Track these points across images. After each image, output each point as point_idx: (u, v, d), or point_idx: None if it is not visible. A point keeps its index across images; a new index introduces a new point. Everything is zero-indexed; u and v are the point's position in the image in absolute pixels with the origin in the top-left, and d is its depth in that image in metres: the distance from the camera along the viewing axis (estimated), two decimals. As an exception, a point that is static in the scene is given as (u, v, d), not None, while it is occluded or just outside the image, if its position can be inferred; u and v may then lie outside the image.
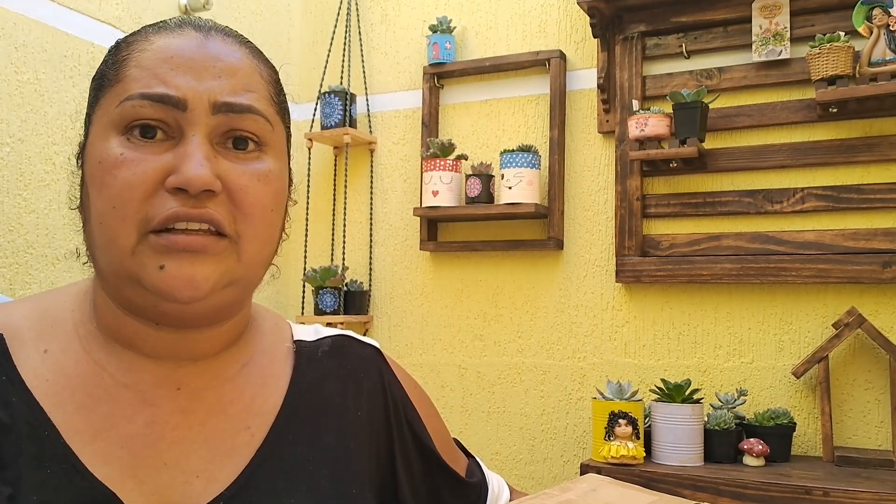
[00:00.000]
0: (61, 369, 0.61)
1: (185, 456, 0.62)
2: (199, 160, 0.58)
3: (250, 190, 0.61)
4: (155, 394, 0.63)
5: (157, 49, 0.61)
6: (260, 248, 0.63)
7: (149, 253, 0.57)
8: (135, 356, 0.63)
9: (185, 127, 0.59)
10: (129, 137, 0.59)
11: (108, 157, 0.58)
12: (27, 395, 0.59)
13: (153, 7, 2.11)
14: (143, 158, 0.58)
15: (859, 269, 1.87)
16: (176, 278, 0.57)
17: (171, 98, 0.59)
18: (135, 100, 0.59)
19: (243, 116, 0.61)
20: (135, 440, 0.60)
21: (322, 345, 0.75)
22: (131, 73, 0.60)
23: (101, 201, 0.58)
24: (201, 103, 0.59)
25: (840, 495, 1.55)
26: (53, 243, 1.85)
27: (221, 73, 0.61)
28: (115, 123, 0.59)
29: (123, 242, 0.58)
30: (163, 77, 0.59)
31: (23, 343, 0.61)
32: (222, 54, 0.62)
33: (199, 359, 0.66)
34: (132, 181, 0.57)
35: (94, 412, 0.60)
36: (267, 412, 0.67)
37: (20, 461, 0.56)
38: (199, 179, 0.57)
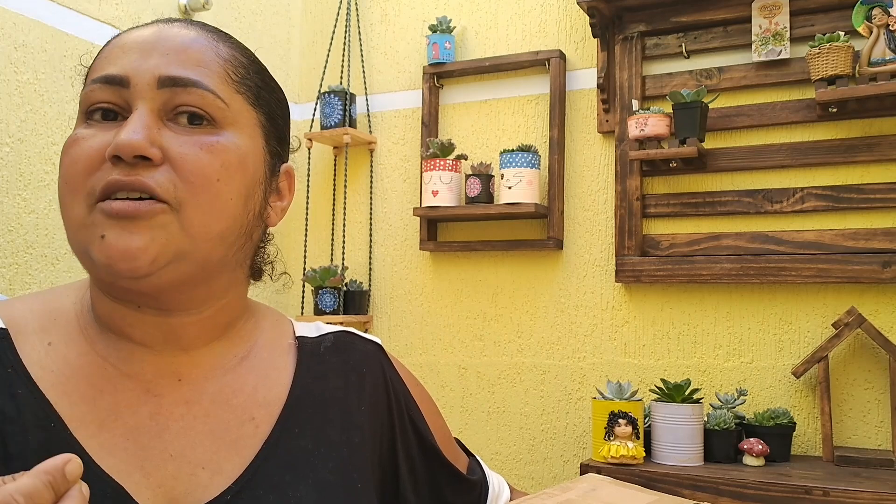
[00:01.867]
0: (65, 361, 0.62)
1: (190, 447, 0.62)
2: (134, 128, 0.58)
3: (190, 158, 0.60)
4: (157, 384, 0.63)
5: (116, 41, 0.64)
6: (207, 220, 0.61)
7: (93, 223, 0.59)
8: (131, 346, 0.64)
9: (131, 103, 0.61)
10: (88, 120, 0.62)
11: (68, 140, 0.62)
12: (33, 386, 0.59)
13: (153, 7, 2.11)
14: (93, 135, 0.60)
15: (859, 268, 1.87)
16: (113, 248, 0.57)
17: (114, 77, 0.61)
18: (89, 86, 0.62)
19: (189, 90, 0.61)
20: (140, 431, 0.61)
21: (324, 341, 0.76)
22: (94, 66, 0.64)
23: (60, 182, 0.61)
24: (143, 79, 0.61)
25: (840, 495, 1.55)
26: (53, 243, 1.85)
27: (169, 52, 0.62)
28: (80, 112, 0.63)
29: (75, 215, 0.60)
30: (112, 60, 0.62)
31: (27, 336, 0.62)
32: (174, 36, 0.63)
33: (191, 348, 0.66)
34: (79, 156, 0.60)
35: (99, 403, 0.61)
36: (270, 404, 0.68)
37: (27, 453, 0.56)
38: (128, 144, 0.57)
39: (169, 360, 0.64)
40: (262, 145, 0.67)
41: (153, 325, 0.63)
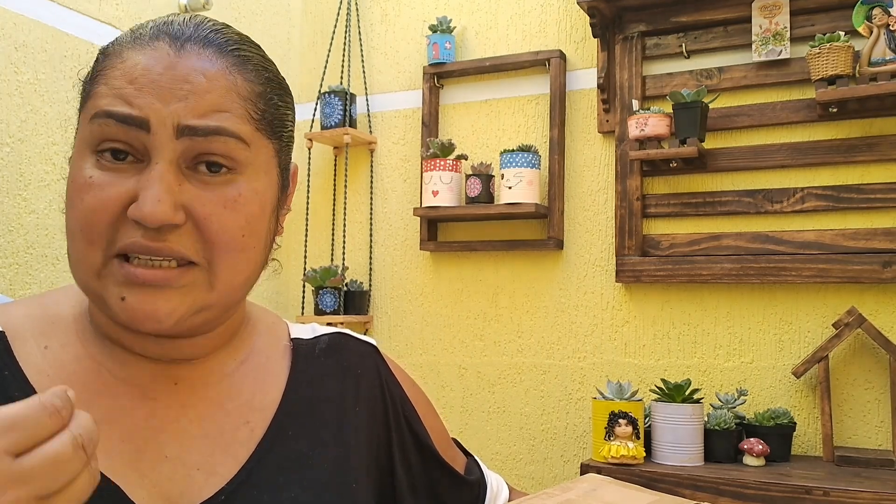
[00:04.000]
0: (62, 365, 0.62)
1: (185, 449, 0.62)
2: (158, 193, 0.56)
3: (215, 218, 0.59)
4: (154, 388, 0.63)
5: (125, 66, 0.59)
6: (235, 275, 0.61)
7: (112, 280, 0.58)
8: (128, 355, 0.64)
9: (150, 151, 0.58)
10: (99, 159, 0.58)
11: (79, 178, 0.58)
12: (30, 390, 0.59)
13: (153, 7, 2.11)
14: (110, 183, 0.57)
15: (859, 268, 1.87)
16: (136, 311, 0.57)
17: (133, 118, 0.57)
18: (101, 118, 0.58)
19: (210, 139, 0.59)
20: (135, 433, 0.61)
21: (319, 342, 0.76)
22: (100, 90, 0.59)
23: (71, 221, 0.59)
24: (164, 126, 0.57)
25: (840, 495, 1.55)
26: (53, 243, 1.85)
27: (188, 95, 0.58)
28: (87, 142, 0.59)
29: (91, 263, 0.58)
30: (127, 97, 0.58)
31: (24, 340, 0.62)
32: (191, 74, 0.59)
33: (193, 359, 0.66)
34: (97, 206, 0.57)
35: (95, 406, 0.61)
36: (266, 408, 0.68)
37: None
38: (153, 217, 0.56)
39: (166, 367, 0.65)
40: (276, 172, 0.66)
41: (156, 343, 0.64)
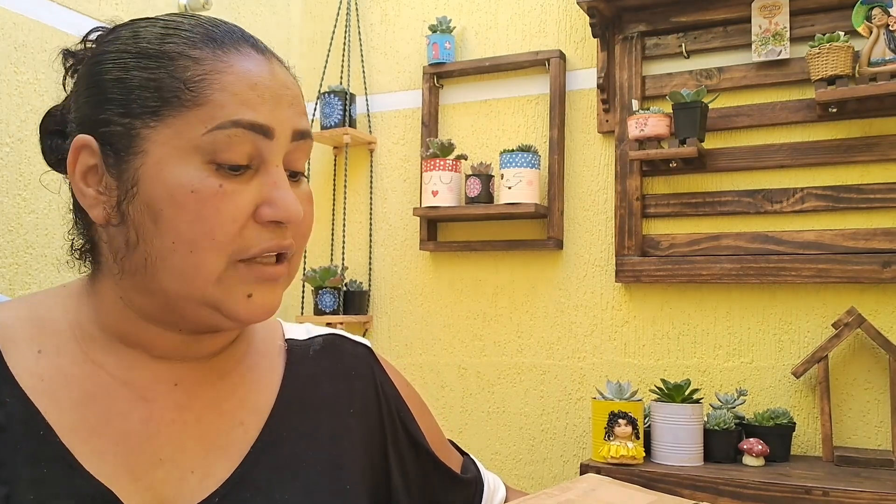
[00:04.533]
0: (57, 368, 0.61)
1: (180, 451, 0.62)
2: (291, 195, 0.60)
3: (307, 214, 0.64)
4: (152, 389, 0.63)
5: (237, 72, 0.59)
6: (299, 262, 0.67)
7: (236, 281, 0.60)
8: (137, 355, 0.64)
9: (267, 155, 0.60)
10: (223, 172, 0.58)
11: (207, 188, 0.57)
12: (21, 394, 0.59)
13: (152, 7, 2.11)
14: (240, 190, 0.59)
15: (859, 268, 1.87)
16: (261, 306, 0.61)
17: (261, 127, 0.59)
18: (228, 129, 0.58)
19: (307, 143, 0.64)
20: (130, 436, 0.61)
21: (314, 343, 0.76)
22: (216, 98, 0.58)
23: (196, 230, 0.57)
24: (284, 132, 0.61)
25: (840, 495, 1.55)
26: (53, 243, 1.85)
27: (293, 101, 0.63)
28: (201, 150, 0.58)
29: (211, 270, 0.59)
30: (252, 104, 0.59)
31: (15, 344, 0.61)
32: (288, 82, 0.64)
33: (202, 358, 0.67)
34: (234, 214, 0.58)
35: (90, 409, 0.60)
36: (260, 409, 0.68)
37: (16, 460, 0.56)
38: (297, 214, 0.60)
39: (168, 367, 0.65)
40: None
41: (181, 342, 0.64)
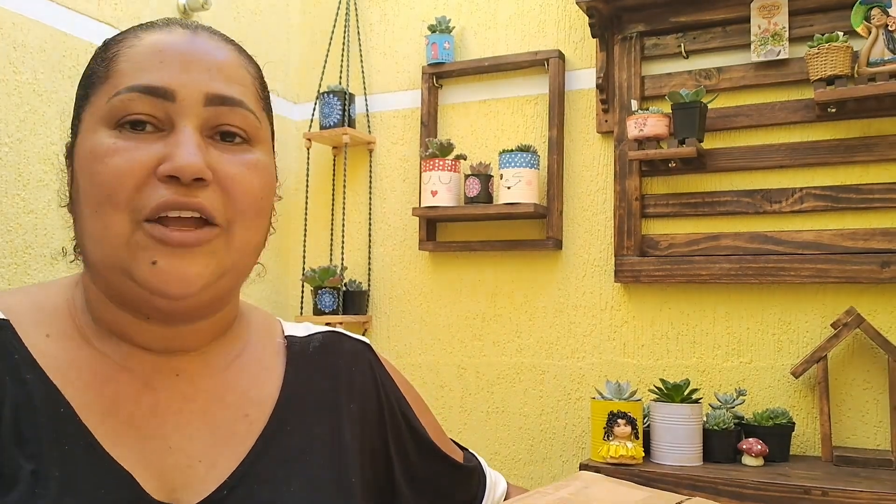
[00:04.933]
0: (65, 351, 0.62)
1: (188, 440, 0.63)
2: (192, 148, 0.58)
3: (239, 178, 0.62)
4: (155, 378, 0.64)
5: (146, 44, 0.62)
6: (250, 237, 0.64)
7: (142, 245, 0.58)
8: (130, 347, 0.64)
9: (175, 118, 0.60)
10: (121, 131, 0.60)
11: (100, 147, 0.59)
12: (40, 373, 0.59)
13: (152, 7, 2.11)
14: (136, 147, 0.59)
15: (858, 268, 1.87)
16: (168, 274, 0.58)
17: (159, 89, 0.59)
18: (123, 94, 0.59)
19: (234, 110, 0.62)
20: (140, 422, 0.61)
21: (313, 340, 0.76)
22: (121, 68, 0.61)
23: (94, 190, 0.59)
24: (191, 95, 0.60)
25: (839, 495, 1.55)
26: (51, 243, 1.85)
27: (211, 67, 0.62)
28: (105, 118, 0.60)
29: (117, 231, 0.58)
30: (152, 69, 0.60)
31: (26, 327, 0.62)
32: (211, 49, 0.63)
33: (191, 349, 0.67)
34: (124, 169, 0.58)
35: (102, 392, 0.61)
36: (262, 402, 0.69)
37: (40, 437, 0.57)
38: (190, 167, 0.58)
39: (167, 359, 0.66)
40: (273, 157, 0.70)
41: (159, 333, 0.64)
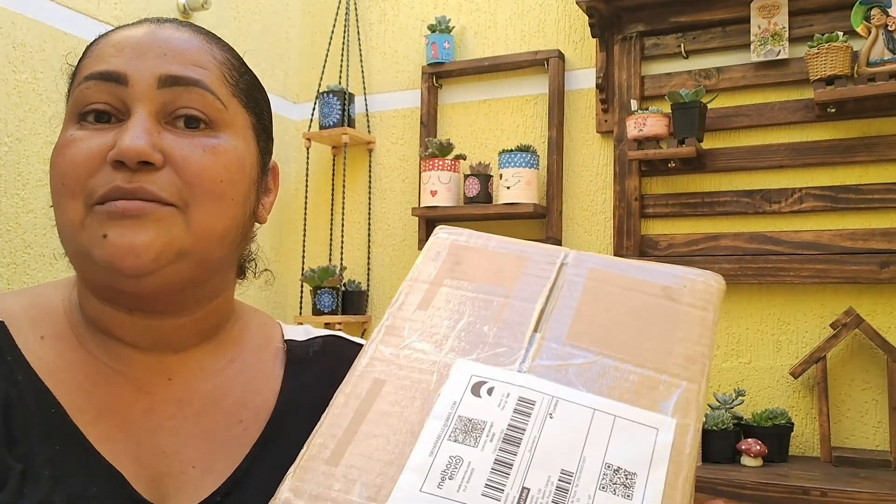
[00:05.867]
0: (59, 354, 0.62)
1: (182, 445, 0.62)
2: (136, 133, 0.58)
3: (193, 159, 0.60)
4: (148, 382, 0.64)
5: (110, 39, 0.63)
6: (211, 220, 0.61)
7: (94, 224, 0.58)
8: (120, 346, 0.64)
9: (129, 104, 0.60)
10: (82, 123, 0.61)
11: (62, 140, 0.61)
12: (32, 374, 0.59)
13: (152, 6, 2.11)
14: (91, 136, 0.60)
15: (857, 269, 1.87)
16: (117, 246, 0.57)
17: (111, 74, 0.60)
18: (82, 84, 0.61)
19: (190, 90, 0.61)
20: (134, 425, 0.61)
21: (313, 345, 0.76)
22: (84, 64, 0.63)
23: (53, 181, 0.60)
24: (143, 78, 0.60)
25: (838, 495, 1.55)
26: (51, 242, 1.85)
27: (167, 52, 0.62)
28: (70, 113, 0.62)
29: (72, 217, 0.59)
30: (108, 58, 0.61)
31: (21, 329, 0.62)
32: (171, 37, 0.63)
33: (181, 349, 0.66)
34: (77, 158, 0.59)
35: (94, 395, 0.61)
36: (258, 408, 0.68)
37: (31, 437, 0.56)
38: (133, 149, 0.57)
39: (159, 360, 0.65)
40: (254, 146, 0.68)
41: (143, 328, 0.64)
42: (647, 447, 0.48)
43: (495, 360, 0.53)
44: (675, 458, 0.48)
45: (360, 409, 0.51)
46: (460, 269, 0.60)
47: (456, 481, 0.46)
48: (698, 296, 0.57)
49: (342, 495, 0.46)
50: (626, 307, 0.56)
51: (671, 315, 0.56)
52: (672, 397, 0.51)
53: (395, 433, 0.49)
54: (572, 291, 0.58)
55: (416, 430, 0.49)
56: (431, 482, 0.46)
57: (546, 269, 0.60)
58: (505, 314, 0.56)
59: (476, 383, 0.51)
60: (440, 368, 0.53)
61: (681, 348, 0.54)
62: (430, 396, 0.51)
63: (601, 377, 0.52)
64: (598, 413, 0.49)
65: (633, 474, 0.47)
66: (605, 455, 0.47)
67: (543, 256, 0.61)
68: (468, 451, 0.48)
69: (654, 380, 0.52)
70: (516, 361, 0.53)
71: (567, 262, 0.60)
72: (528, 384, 0.51)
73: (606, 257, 0.61)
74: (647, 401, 0.50)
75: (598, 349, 0.54)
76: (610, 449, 0.47)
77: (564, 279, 0.59)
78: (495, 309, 0.57)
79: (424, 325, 0.56)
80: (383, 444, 0.48)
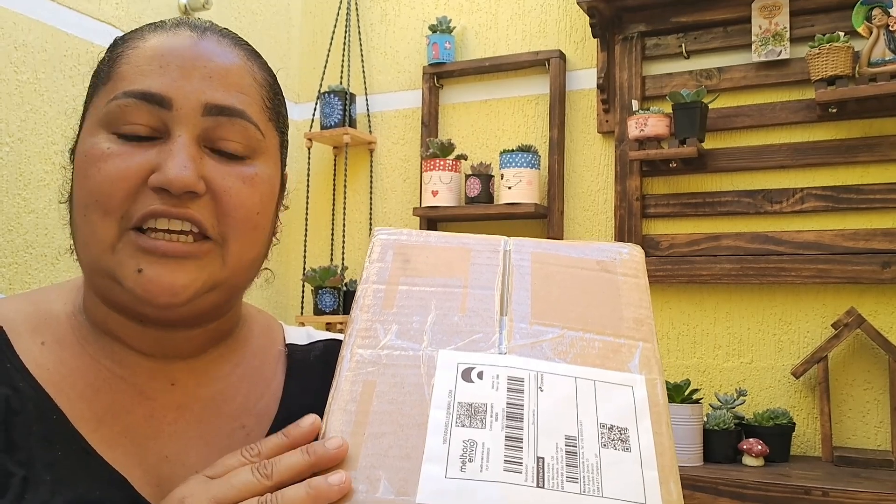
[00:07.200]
0: (60, 360, 0.61)
1: (184, 450, 0.62)
2: (183, 160, 0.57)
3: (234, 192, 0.60)
4: (151, 387, 0.63)
5: (148, 47, 0.60)
6: (245, 252, 0.62)
7: (128, 252, 0.57)
8: (126, 351, 0.64)
9: (171, 126, 0.58)
10: (116, 135, 0.58)
11: (94, 150, 0.58)
12: (32, 381, 0.59)
13: (152, 6, 2.11)
14: (130, 153, 0.58)
15: (859, 269, 1.87)
16: (154, 283, 0.57)
17: (155, 96, 0.58)
18: (121, 98, 0.58)
19: (234, 121, 0.60)
20: (135, 431, 0.61)
21: (314, 349, 0.75)
22: (121, 71, 0.60)
23: (84, 194, 0.58)
24: (189, 103, 0.58)
25: (839, 495, 1.55)
26: (53, 242, 1.85)
27: (212, 74, 0.60)
28: (103, 121, 0.59)
29: (104, 236, 0.57)
30: (151, 74, 0.58)
31: (20, 335, 0.62)
32: (215, 55, 0.61)
33: (188, 357, 0.66)
34: (115, 175, 0.57)
35: (96, 401, 0.61)
36: (260, 413, 0.68)
37: (31, 443, 0.56)
38: (180, 180, 0.56)
39: (163, 366, 0.64)
40: (279, 167, 0.67)
41: (155, 338, 0.63)
42: (628, 404, 0.53)
43: (474, 346, 0.56)
44: (653, 409, 0.53)
45: (360, 411, 0.52)
46: (411, 266, 0.63)
47: (476, 463, 0.48)
48: (628, 265, 0.63)
49: (371, 496, 0.47)
50: (573, 283, 0.61)
51: (612, 285, 0.61)
52: (635, 357, 0.56)
53: (401, 428, 0.50)
54: (523, 275, 0.62)
55: (423, 422, 0.51)
56: (454, 468, 0.48)
57: (492, 257, 0.64)
58: (469, 303, 0.60)
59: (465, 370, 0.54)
60: (426, 361, 0.55)
61: (629, 313, 0.59)
62: (424, 389, 0.53)
63: (571, 348, 0.56)
64: (579, 380, 0.54)
65: (625, 429, 0.51)
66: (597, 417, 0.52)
67: (486, 246, 0.65)
68: (478, 433, 0.50)
69: (616, 344, 0.57)
70: (494, 345, 0.56)
71: (509, 249, 0.64)
72: (513, 363, 0.54)
73: (541, 241, 0.66)
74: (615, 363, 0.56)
75: (562, 323, 0.58)
76: (599, 410, 0.52)
77: (512, 265, 0.63)
78: (458, 299, 0.60)
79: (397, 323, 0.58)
80: (394, 441, 0.50)
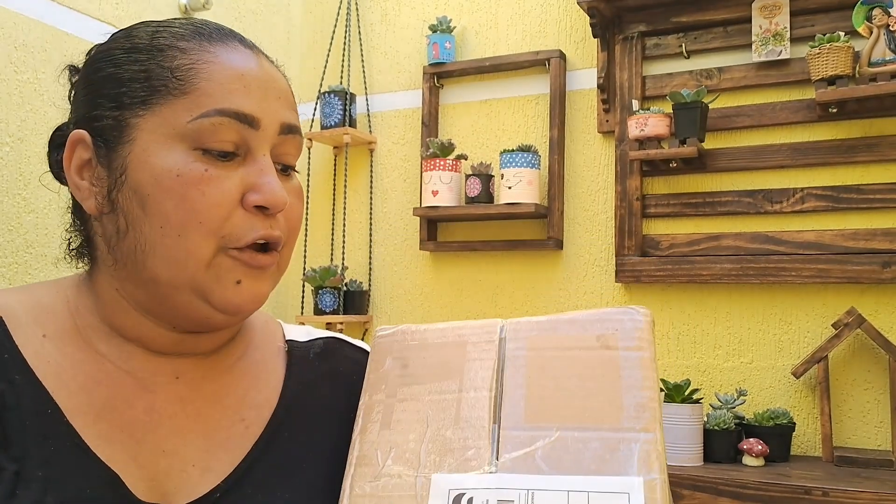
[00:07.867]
0: (61, 353, 0.62)
1: (182, 444, 0.63)
2: (275, 181, 0.61)
3: (294, 207, 0.65)
4: (154, 381, 0.64)
5: (224, 63, 0.62)
6: (289, 259, 0.67)
7: (227, 267, 0.61)
8: (135, 348, 0.64)
9: (253, 145, 0.61)
10: (203, 153, 0.60)
11: (192, 172, 0.59)
12: (30, 374, 0.59)
13: (153, 6, 2.11)
14: (225, 176, 0.60)
15: (859, 269, 1.87)
16: (249, 293, 0.61)
17: (245, 116, 0.60)
18: (213, 117, 0.59)
19: (296, 139, 0.65)
20: (134, 425, 0.61)
21: (314, 346, 0.76)
22: (202, 87, 0.60)
23: (181, 214, 0.59)
24: (271, 124, 0.62)
25: (839, 495, 1.55)
26: (52, 243, 1.85)
27: (280, 94, 0.64)
28: (186, 137, 0.59)
29: (200, 255, 0.59)
30: (238, 94, 0.61)
31: (21, 327, 0.62)
32: (276, 76, 0.66)
33: (200, 354, 0.67)
34: (218, 199, 0.59)
35: (95, 394, 0.61)
36: (260, 406, 0.68)
37: (25, 438, 0.56)
38: (280, 201, 0.61)
39: (168, 360, 0.65)
40: None
41: (177, 339, 0.65)
42: None
43: (466, 465, 0.56)
44: None
45: None
46: (409, 372, 0.64)
47: None
48: (632, 336, 0.60)
49: None
50: (571, 370, 0.59)
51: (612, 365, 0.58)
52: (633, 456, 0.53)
53: None
54: (517, 368, 0.61)
55: None
56: None
57: (487, 349, 0.63)
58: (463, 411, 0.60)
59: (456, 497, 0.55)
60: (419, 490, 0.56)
61: (630, 399, 0.57)
62: None
63: (565, 454, 0.55)
64: (572, 494, 0.53)
65: None
66: None
67: (481, 336, 0.64)
68: None
69: (614, 441, 0.54)
70: (485, 462, 0.56)
71: (504, 337, 0.64)
72: (503, 484, 0.54)
73: (538, 320, 0.64)
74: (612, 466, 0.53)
75: (557, 423, 0.57)
76: None
77: (506, 357, 0.62)
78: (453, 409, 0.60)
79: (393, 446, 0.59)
80: None
